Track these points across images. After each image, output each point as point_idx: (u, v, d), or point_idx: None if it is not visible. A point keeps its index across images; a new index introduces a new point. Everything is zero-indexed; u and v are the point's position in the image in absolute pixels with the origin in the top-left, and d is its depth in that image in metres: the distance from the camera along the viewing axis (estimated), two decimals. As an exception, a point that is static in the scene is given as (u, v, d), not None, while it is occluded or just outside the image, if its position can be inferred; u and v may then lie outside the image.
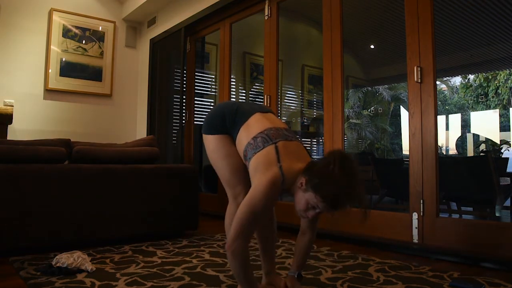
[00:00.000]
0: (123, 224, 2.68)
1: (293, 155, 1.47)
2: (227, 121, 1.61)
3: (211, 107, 5.19)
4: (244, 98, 5.95)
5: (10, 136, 4.35)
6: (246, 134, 1.54)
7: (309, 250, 1.68)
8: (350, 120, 8.76)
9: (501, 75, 11.20)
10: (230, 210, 1.64)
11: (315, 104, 7.05)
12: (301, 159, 1.48)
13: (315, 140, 6.80)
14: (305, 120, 6.82)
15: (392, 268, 2.05)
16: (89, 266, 1.96)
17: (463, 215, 4.24)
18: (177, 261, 2.20)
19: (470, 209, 4.38)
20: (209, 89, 5.32)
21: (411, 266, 2.11)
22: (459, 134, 11.40)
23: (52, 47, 4.94)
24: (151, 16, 5.40)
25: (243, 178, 1.60)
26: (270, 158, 1.43)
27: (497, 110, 11.21)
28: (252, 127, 1.54)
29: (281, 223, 1.94)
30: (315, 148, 6.87)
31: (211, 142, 1.65)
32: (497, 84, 11.43)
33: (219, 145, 1.63)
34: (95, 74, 5.27)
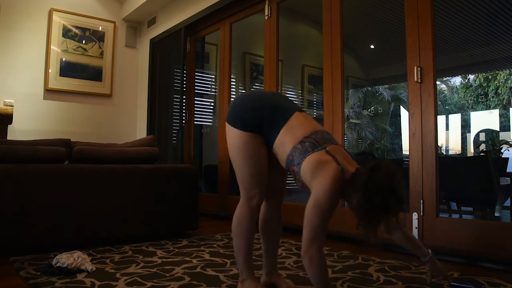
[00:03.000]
0: (123, 224, 2.68)
1: (343, 158, 1.43)
2: (264, 118, 1.48)
3: (212, 107, 5.19)
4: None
5: (10, 136, 4.35)
6: (291, 138, 1.45)
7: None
8: (350, 120, 8.76)
9: (501, 75, 11.20)
10: (241, 213, 1.55)
11: (315, 104, 7.05)
12: (350, 163, 1.45)
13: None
14: (305, 120, 6.81)
15: (392, 268, 2.05)
16: (89, 266, 1.96)
17: (463, 215, 4.24)
18: (177, 261, 2.20)
19: (470, 209, 4.38)
20: (209, 89, 5.32)
21: (411, 266, 2.11)
22: (460, 134, 11.39)
23: (52, 47, 4.94)
24: (151, 16, 5.40)
25: (262, 182, 1.53)
26: (326, 160, 1.39)
27: (497, 110, 11.21)
28: (296, 130, 1.46)
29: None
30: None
31: (237, 137, 1.50)
32: (497, 84, 11.43)
33: (246, 144, 1.49)
34: (95, 74, 5.27)
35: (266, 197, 1.65)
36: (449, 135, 11.55)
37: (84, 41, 5.19)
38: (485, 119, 11.03)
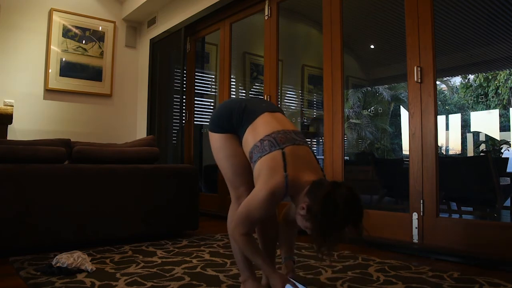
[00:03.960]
0: (123, 224, 2.68)
1: (300, 162, 1.43)
2: (234, 120, 1.57)
3: (212, 107, 5.19)
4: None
5: (10, 136, 4.35)
6: (253, 136, 1.50)
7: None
8: (350, 120, 8.75)
9: (501, 75, 11.20)
10: (233, 211, 1.62)
11: (315, 104, 7.05)
12: (309, 167, 1.44)
13: (315, 140, 6.80)
14: (305, 120, 6.82)
15: (392, 268, 2.05)
16: (89, 266, 1.96)
17: (463, 215, 4.24)
18: (177, 261, 2.20)
19: (470, 209, 4.38)
20: (209, 89, 5.32)
21: (411, 266, 2.11)
22: (459, 134, 11.39)
23: (52, 47, 4.94)
24: (151, 16, 5.40)
25: (247, 179, 1.58)
26: (276, 164, 1.40)
27: (497, 110, 11.21)
28: (259, 129, 1.51)
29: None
30: (315, 148, 6.87)
31: (216, 141, 1.63)
32: (497, 84, 11.42)
33: (225, 145, 1.60)
34: (95, 74, 5.27)
35: None
36: (449, 135, 11.55)
37: (84, 41, 5.19)
38: (485, 119, 11.03)
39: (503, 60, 7.55)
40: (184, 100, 4.77)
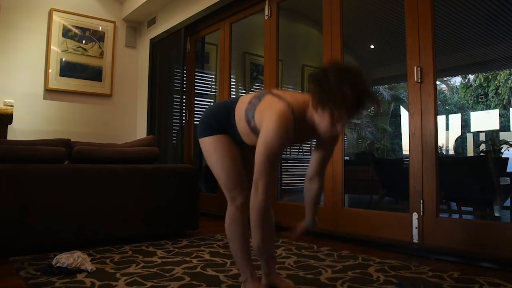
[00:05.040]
0: (123, 224, 2.68)
1: (291, 93, 1.51)
2: (221, 119, 1.59)
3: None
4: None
5: (10, 136, 4.35)
6: (241, 107, 1.55)
7: (320, 198, 1.72)
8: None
9: (501, 75, 11.20)
10: (229, 214, 1.60)
11: (315, 104, 7.03)
12: (301, 95, 1.51)
13: (315, 140, 6.79)
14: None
15: (392, 268, 2.05)
16: (89, 266, 1.96)
17: (463, 215, 4.24)
18: (177, 261, 2.20)
19: (470, 209, 4.38)
20: (209, 89, 5.32)
21: (411, 266, 2.11)
22: (459, 134, 11.40)
23: (52, 47, 4.94)
24: (151, 16, 5.40)
25: (240, 181, 1.58)
26: (271, 100, 1.47)
27: (497, 110, 11.21)
28: (241, 104, 1.56)
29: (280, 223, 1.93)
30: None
31: (208, 143, 1.61)
32: (497, 84, 11.43)
33: (216, 146, 1.59)
34: (95, 74, 5.27)
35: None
36: (449, 135, 11.56)
37: (84, 41, 5.19)
38: (485, 119, 11.03)
39: (503, 60, 7.55)
40: (184, 100, 4.77)
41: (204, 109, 5.10)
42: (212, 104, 1.79)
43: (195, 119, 4.90)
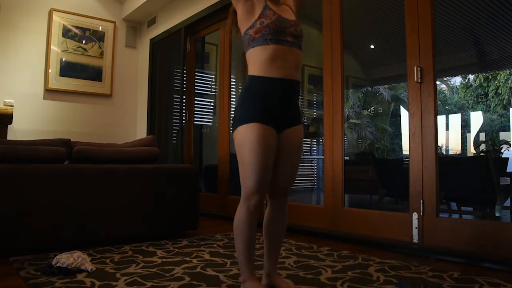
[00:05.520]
0: (123, 224, 2.68)
1: None
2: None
3: (212, 107, 5.19)
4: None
5: (10, 136, 4.35)
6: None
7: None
8: (350, 120, 8.75)
9: (501, 75, 11.20)
10: (239, 213, 1.56)
11: (315, 104, 7.05)
12: None
13: (315, 140, 6.80)
14: (305, 120, 6.82)
15: (392, 268, 2.05)
16: (89, 266, 1.96)
17: (463, 215, 4.24)
18: (177, 261, 2.20)
19: (470, 209, 4.38)
20: (209, 89, 5.32)
21: (411, 266, 2.11)
22: (459, 134, 11.39)
23: (52, 47, 4.94)
24: (151, 16, 5.40)
25: (264, 180, 1.52)
26: None
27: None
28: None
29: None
30: (315, 149, 6.87)
31: (242, 133, 1.53)
32: (497, 84, 11.42)
33: (261, 138, 1.50)
34: (95, 74, 5.27)
35: (272, 198, 1.66)
36: (449, 135, 11.55)
37: (84, 41, 5.19)
38: (485, 119, 11.03)
39: (503, 60, 7.54)
40: (184, 100, 4.77)
41: (203, 109, 5.11)
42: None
43: (195, 119, 4.90)
